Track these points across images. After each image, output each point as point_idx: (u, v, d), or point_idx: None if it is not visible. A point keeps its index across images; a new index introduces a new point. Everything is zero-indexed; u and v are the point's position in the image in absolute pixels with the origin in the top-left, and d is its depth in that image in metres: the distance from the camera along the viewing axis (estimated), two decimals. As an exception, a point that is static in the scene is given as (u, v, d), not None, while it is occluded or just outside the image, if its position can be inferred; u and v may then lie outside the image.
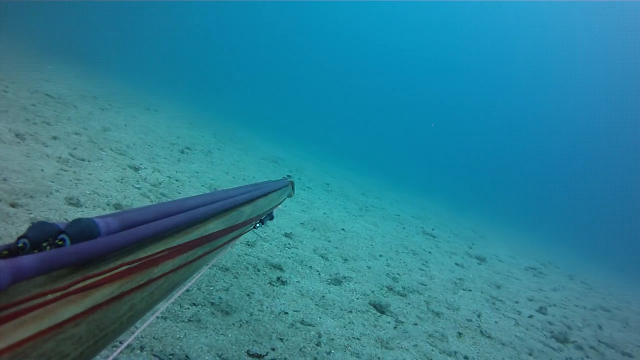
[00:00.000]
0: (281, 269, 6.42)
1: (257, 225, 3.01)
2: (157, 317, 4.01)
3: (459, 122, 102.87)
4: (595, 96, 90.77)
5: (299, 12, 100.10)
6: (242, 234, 2.41)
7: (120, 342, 3.47)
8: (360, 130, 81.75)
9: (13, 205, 4.81)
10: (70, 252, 1.04)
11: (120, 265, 1.13)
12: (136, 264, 1.19)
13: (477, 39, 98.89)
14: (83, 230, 1.15)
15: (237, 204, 2.31)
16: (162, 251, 1.33)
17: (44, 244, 1.07)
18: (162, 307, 1.82)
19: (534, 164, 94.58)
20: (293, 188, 4.55)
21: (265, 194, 3.01)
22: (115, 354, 1.47)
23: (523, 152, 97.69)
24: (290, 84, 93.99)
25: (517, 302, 8.98)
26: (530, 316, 8.25)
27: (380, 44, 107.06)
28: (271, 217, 3.36)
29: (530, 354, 6.39)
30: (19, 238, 1.03)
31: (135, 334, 1.75)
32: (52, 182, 5.92)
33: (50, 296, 0.88)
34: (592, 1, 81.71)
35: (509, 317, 7.77)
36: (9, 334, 0.76)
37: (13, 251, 1.01)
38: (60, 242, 1.09)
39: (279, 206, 3.70)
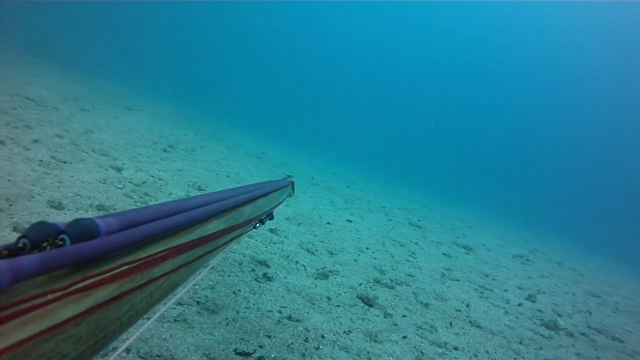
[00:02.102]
0: (267, 265, 6.38)
1: (257, 225, 2.99)
2: (150, 318, 3.97)
3: (447, 116, 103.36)
4: (584, 91, 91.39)
5: (285, 8, 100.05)
6: (243, 234, 2.39)
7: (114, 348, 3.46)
8: (345, 125, 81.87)
9: (-6, 211, 4.75)
10: (70, 252, 1.03)
11: (120, 265, 1.13)
12: (136, 264, 1.18)
13: (476, 39, 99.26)
14: (83, 230, 1.14)
15: (238, 203, 2.30)
16: (162, 251, 1.32)
17: (44, 244, 1.06)
18: (163, 309, 1.81)
19: (520, 155, 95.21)
20: (293, 188, 4.56)
21: (266, 194, 3.01)
22: (115, 355, 1.45)
23: (509, 144, 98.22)
24: (274, 81, 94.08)
25: (505, 291, 8.99)
26: (520, 304, 8.27)
27: (367, 40, 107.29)
28: (271, 217, 3.34)
29: (520, 343, 6.39)
30: (19, 238, 1.02)
31: (136, 334, 1.76)
32: (34, 185, 5.87)
33: (50, 296, 0.88)
34: (593, 1, 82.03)
35: (498, 306, 7.78)
36: (9, 334, 0.75)
37: (13, 251, 1.00)
38: (60, 242, 1.08)
39: (279, 206, 3.69)
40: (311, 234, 8.91)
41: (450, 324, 6.35)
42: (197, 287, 4.92)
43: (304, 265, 6.89)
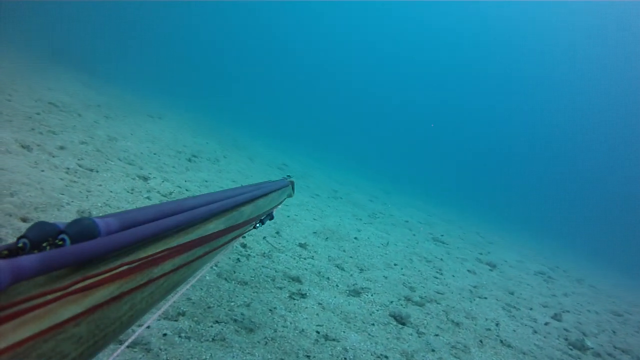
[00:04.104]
0: (300, 281, 6.35)
1: (257, 225, 3.03)
2: (180, 336, 3.93)
3: (459, 124, 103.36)
4: (598, 97, 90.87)
5: (303, 16, 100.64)
6: (242, 234, 2.47)
7: (121, 342, 3.45)
8: (361, 136, 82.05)
9: (24, 220, 4.71)
10: (70, 252, 1.04)
11: (120, 265, 1.14)
12: (136, 264, 1.19)
13: (477, 39, 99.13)
14: (83, 230, 1.14)
15: (238, 203, 2.32)
16: (162, 251, 1.34)
17: (44, 244, 1.07)
18: (163, 308, 1.75)
19: (534, 166, 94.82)
20: (293, 188, 4.61)
21: (266, 194, 3.04)
22: (115, 355, 1.46)
23: (523, 155, 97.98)
24: (291, 90, 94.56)
25: (531, 309, 8.93)
26: (547, 323, 8.21)
27: (383, 48, 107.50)
28: (271, 217, 3.39)
29: (550, 363, 6.32)
30: (19, 238, 1.03)
31: (136, 334, 1.70)
32: (63, 194, 5.82)
33: (50, 296, 0.89)
34: (592, 1, 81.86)
35: (526, 325, 7.72)
36: (9, 334, 0.76)
37: (13, 251, 1.00)
38: (60, 242, 1.09)
39: (279, 206, 3.73)
40: (339, 249, 8.88)
41: (482, 342, 6.29)
42: (232, 304, 4.88)
43: (335, 282, 6.85)
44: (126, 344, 1.57)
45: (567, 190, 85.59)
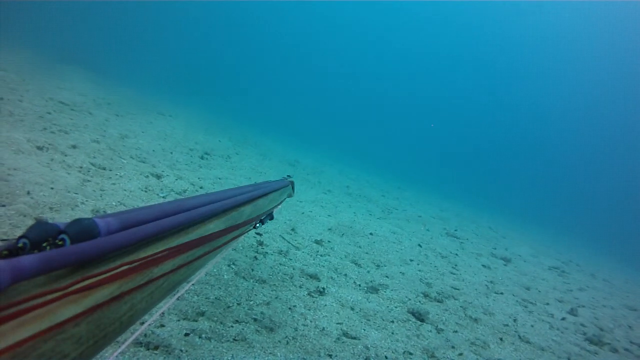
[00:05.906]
0: (317, 279, 6.32)
1: (257, 225, 3.04)
2: (201, 337, 3.90)
3: (467, 120, 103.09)
4: (599, 94, 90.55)
5: (314, 15, 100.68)
6: (242, 234, 2.46)
7: (141, 344, 3.44)
8: (370, 133, 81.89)
9: (40, 220, 4.66)
10: (70, 252, 1.06)
11: (120, 265, 1.16)
12: (136, 264, 1.21)
13: (477, 39, 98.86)
14: (83, 230, 1.16)
15: (237, 204, 2.35)
16: (162, 251, 1.36)
17: (44, 244, 1.08)
18: (164, 307, 1.77)
19: (542, 161, 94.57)
20: (293, 188, 4.62)
21: (265, 194, 3.10)
22: (116, 354, 1.51)
23: (531, 150, 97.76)
24: (301, 88, 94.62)
25: (547, 304, 8.89)
26: (563, 318, 8.16)
27: (389, 46, 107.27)
28: (271, 217, 3.41)
29: (569, 358, 6.27)
30: (19, 238, 1.04)
31: (137, 333, 1.70)
32: (77, 193, 5.79)
33: (50, 296, 0.90)
34: (593, 1, 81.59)
35: (543, 320, 7.69)
36: (9, 334, 0.77)
37: (13, 251, 1.02)
38: (60, 242, 1.11)
39: (279, 206, 3.74)
40: (355, 245, 8.86)
41: (501, 339, 6.26)
42: (251, 302, 4.85)
43: (353, 279, 6.82)
44: (127, 343, 1.59)
45: (576, 185, 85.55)
